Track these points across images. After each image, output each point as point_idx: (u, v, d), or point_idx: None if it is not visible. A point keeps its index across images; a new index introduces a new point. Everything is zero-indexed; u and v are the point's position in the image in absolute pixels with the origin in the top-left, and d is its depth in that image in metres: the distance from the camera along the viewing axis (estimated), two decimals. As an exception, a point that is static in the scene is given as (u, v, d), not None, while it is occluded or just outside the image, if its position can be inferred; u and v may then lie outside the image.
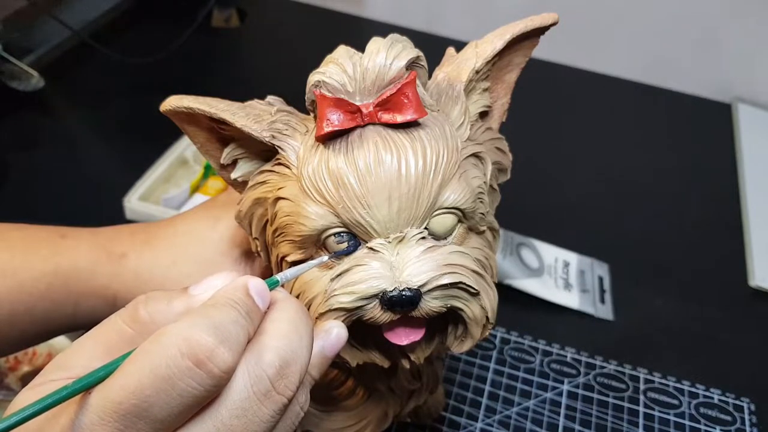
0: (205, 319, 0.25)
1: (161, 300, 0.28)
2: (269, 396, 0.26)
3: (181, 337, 0.24)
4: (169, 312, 0.28)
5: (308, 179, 0.32)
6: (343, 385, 0.41)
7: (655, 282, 0.68)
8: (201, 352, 0.24)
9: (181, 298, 0.28)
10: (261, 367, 0.26)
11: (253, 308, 0.28)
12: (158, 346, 0.25)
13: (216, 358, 0.25)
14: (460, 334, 0.35)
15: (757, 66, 0.94)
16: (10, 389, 0.53)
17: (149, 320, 0.27)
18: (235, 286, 0.28)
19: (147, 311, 0.27)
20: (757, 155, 0.86)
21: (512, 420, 0.54)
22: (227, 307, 0.27)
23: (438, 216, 0.32)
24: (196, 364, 0.24)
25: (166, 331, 0.25)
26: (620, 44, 0.98)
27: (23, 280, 0.39)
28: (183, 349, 0.24)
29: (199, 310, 0.27)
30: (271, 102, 0.35)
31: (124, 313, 0.28)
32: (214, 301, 0.27)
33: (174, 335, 0.25)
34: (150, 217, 0.66)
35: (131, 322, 0.27)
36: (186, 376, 0.24)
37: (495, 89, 0.38)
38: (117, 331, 0.27)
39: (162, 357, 0.24)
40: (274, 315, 0.28)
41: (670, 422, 0.55)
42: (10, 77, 0.78)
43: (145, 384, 0.24)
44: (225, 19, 0.99)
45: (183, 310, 0.28)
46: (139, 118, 0.74)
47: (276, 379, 0.26)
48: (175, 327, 0.25)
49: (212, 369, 0.24)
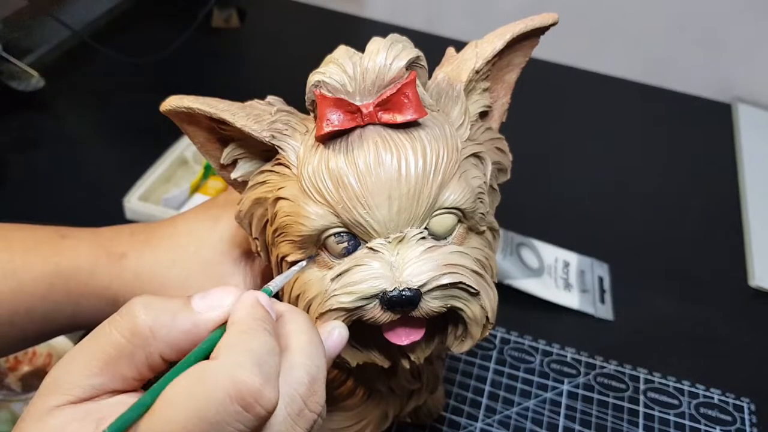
0: (247, 355, 0.25)
1: (164, 313, 0.26)
2: (302, 415, 0.26)
3: (228, 379, 0.24)
4: (174, 329, 0.26)
5: (308, 179, 0.32)
6: (343, 385, 0.41)
7: (655, 282, 0.68)
8: (249, 395, 0.24)
9: (186, 313, 0.27)
10: (293, 387, 0.26)
11: (274, 323, 0.27)
12: (204, 389, 0.24)
13: (263, 399, 0.24)
14: (460, 334, 0.35)
15: (757, 66, 0.94)
16: (10, 389, 0.53)
17: (151, 335, 0.26)
18: (251, 303, 0.27)
19: (148, 324, 0.26)
20: (757, 155, 0.86)
21: (512, 420, 0.54)
22: (260, 332, 0.26)
23: (438, 216, 0.32)
24: (245, 407, 0.24)
25: (211, 371, 0.24)
26: (620, 44, 0.98)
27: (23, 281, 0.39)
28: (231, 392, 0.24)
29: (236, 340, 0.25)
30: (271, 102, 0.35)
31: (121, 323, 0.26)
32: (245, 327, 0.26)
33: (221, 377, 0.24)
34: (150, 217, 0.66)
35: (130, 334, 0.26)
36: (235, 420, 0.24)
37: (495, 89, 0.38)
38: (114, 344, 0.26)
39: (209, 401, 0.24)
40: (291, 328, 0.28)
41: (670, 422, 0.55)
42: (10, 77, 0.78)
43: (192, 430, 0.23)
44: (225, 19, 0.99)
45: (189, 328, 0.27)
46: (139, 118, 0.74)
47: (308, 397, 0.26)
48: (220, 367, 0.24)
49: (260, 411, 0.24)
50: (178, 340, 0.26)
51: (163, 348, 0.26)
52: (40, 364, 0.55)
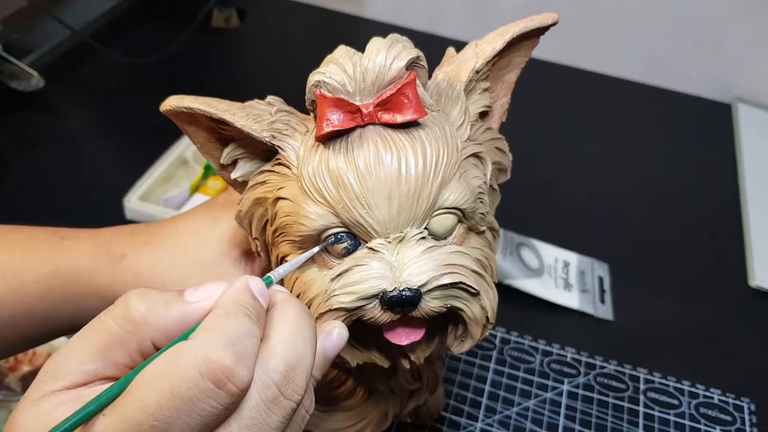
0: (222, 335, 0.25)
1: (157, 302, 0.27)
2: (277, 402, 0.26)
3: (201, 357, 0.24)
4: (166, 316, 0.27)
5: (308, 179, 0.32)
6: (343, 385, 0.41)
7: (655, 282, 0.68)
8: (221, 372, 0.24)
9: (178, 303, 0.28)
10: (268, 374, 0.26)
11: (261, 310, 0.28)
12: (177, 366, 0.24)
13: (235, 377, 0.25)
14: (460, 334, 0.35)
15: (757, 66, 0.94)
16: (10, 389, 0.54)
17: (143, 322, 0.27)
18: (239, 289, 0.28)
19: (140, 312, 0.27)
20: (757, 155, 0.86)
21: (512, 420, 0.54)
22: (239, 316, 0.26)
23: (438, 216, 0.32)
24: (217, 384, 0.24)
25: (184, 350, 0.25)
26: (620, 44, 0.98)
27: (24, 282, 0.39)
28: (203, 369, 0.24)
29: (213, 323, 0.26)
30: (271, 102, 0.35)
31: (115, 311, 0.27)
32: (225, 310, 0.27)
33: (193, 355, 0.24)
34: (150, 217, 0.66)
35: (123, 322, 0.27)
36: (206, 396, 0.24)
37: (495, 89, 0.38)
38: (108, 332, 0.27)
39: (182, 378, 0.24)
40: (277, 317, 0.28)
41: (670, 422, 0.55)
42: (10, 77, 0.78)
43: (165, 405, 0.24)
44: (225, 19, 0.99)
45: (180, 316, 0.27)
46: (139, 118, 0.74)
47: (283, 385, 0.26)
48: (193, 345, 0.25)
49: (231, 388, 0.25)
50: (169, 327, 0.27)
51: (155, 334, 0.27)
52: (40, 364, 0.55)
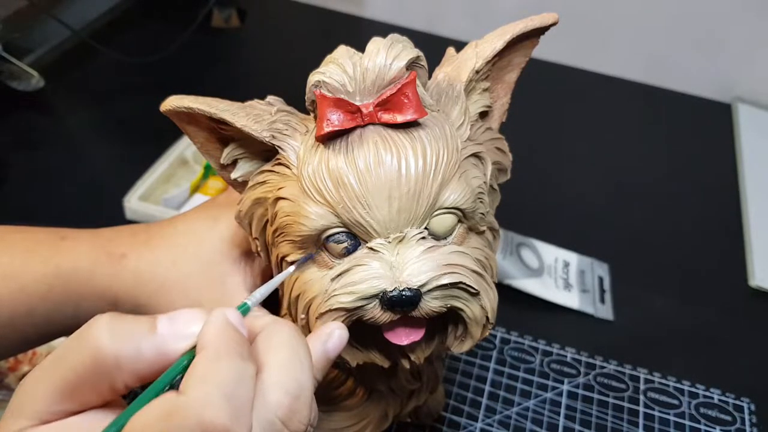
0: (217, 388, 0.24)
1: (129, 341, 0.25)
2: None
3: (196, 420, 0.23)
4: (138, 360, 0.25)
5: (308, 179, 0.32)
6: (343, 385, 0.41)
7: (655, 282, 0.68)
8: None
9: (150, 339, 0.25)
10: (270, 411, 0.25)
11: (246, 343, 0.26)
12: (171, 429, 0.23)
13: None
14: (460, 334, 0.35)
15: (757, 66, 0.94)
16: (11, 389, 0.53)
17: (115, 365, 0.25)
18: (222, 324, 0.25)
19: (113, 354, 0.24)
20: (757, 155, 0.86)
21: (512, 420, 0.54)
22: (231, 357, 0.25)
23: (438, 216, 0.32)
24: None
25: (179, 409, 0.23)
26: (620, 44, 0.98)
27: (24, 283, 0.39)
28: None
29: (206, 370, 0.24)
30: (271, 102, 0.35)
31: (83, 350, 0.25)
32: (215, 352, 0.25)
33: (189, 416, 0.23)
34: (150, 217, 0.66)
35: (92, 363, 0.25)
36: None
37: (495, 89, 0.38)
38: (75, 372, 0.25)
39: None
40: (268, 344, 0.27)
41: (670, 422, 0.55)
42: (10, 77, 0.78)
43: None
44: (225, 19, 0.99)
45: (154, 355, 0.25)
46: (139, 118, 0.74)
47: (287, 419, 0.25)
48: (188, 405, 0.23)
49: None
50: (143, 371, 0.25)
51: (128, 378, 0.25)
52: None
